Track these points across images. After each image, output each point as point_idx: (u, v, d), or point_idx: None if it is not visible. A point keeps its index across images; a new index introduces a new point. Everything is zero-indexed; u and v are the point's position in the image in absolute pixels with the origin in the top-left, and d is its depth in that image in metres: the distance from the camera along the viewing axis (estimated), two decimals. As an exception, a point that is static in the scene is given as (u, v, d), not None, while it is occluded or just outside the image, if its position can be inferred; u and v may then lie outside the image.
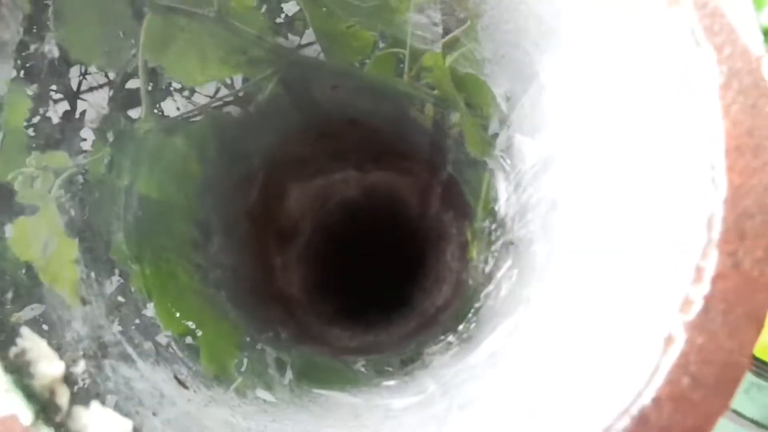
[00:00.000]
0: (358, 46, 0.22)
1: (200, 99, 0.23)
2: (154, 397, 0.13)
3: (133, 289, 0.17)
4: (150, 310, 0.17)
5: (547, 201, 0.19)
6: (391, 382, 0.23)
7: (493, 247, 0.27)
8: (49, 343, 0.11)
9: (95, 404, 0.11)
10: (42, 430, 0.10)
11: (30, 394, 0.10)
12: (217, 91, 0.23)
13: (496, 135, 0.23)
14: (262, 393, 0.19)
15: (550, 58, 0.16)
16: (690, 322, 0.10)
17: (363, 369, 0.28)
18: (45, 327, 0.12)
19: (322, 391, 0.22)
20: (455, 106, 0.24)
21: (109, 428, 0.11)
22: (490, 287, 0.26)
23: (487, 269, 0.28)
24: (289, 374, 0.23)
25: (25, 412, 0.10)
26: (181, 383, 0.15)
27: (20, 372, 0.10)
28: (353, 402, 0.21)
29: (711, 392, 0.10)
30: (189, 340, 0.18)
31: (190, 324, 0.18)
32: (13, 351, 0.10)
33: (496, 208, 0.26)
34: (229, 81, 0.22)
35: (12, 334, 0.11)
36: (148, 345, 0.15)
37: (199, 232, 0.23)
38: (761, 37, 0.11)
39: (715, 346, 0.10)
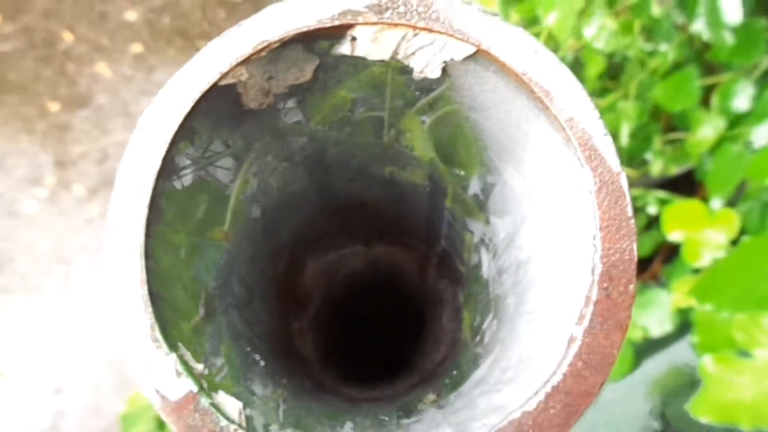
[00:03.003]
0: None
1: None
2: (245, 396, 0.21)
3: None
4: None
5: (514, 265, 0.27)
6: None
7: (480, 306, 0.34)
8: (189, 353, 0.19)
9: (221, 391, 0.19)
10: (203, 398, 0.17)
11: (193, 378, 0.18)
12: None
13: (478, 214, 0.31)
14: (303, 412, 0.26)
15: (506, 165, 0.24)
16: (583, 329, 0.18)
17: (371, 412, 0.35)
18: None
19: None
20: (446, 195, 0.32)
21: (231, 405, 0.18)
22: (478, 338, 0.33)
23: (476, 324, 0.35)
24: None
25: (194, 387, 0.17)
26: (253, 394, 0.23)
27: (185, 365, 0.18)
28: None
29: (594, 371, 0.18)
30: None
31: (256, 357, 0.26)
32: (179, 352, 0.18)
33: (481, 273, 0.34)
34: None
35: (177, 345, 0.18)
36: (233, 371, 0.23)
37: (246, 293, 0.31)
38: (618, 160, 0.19)
39: (596, 344, 0.18)
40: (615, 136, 1.00)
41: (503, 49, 0.19)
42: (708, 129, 0.94)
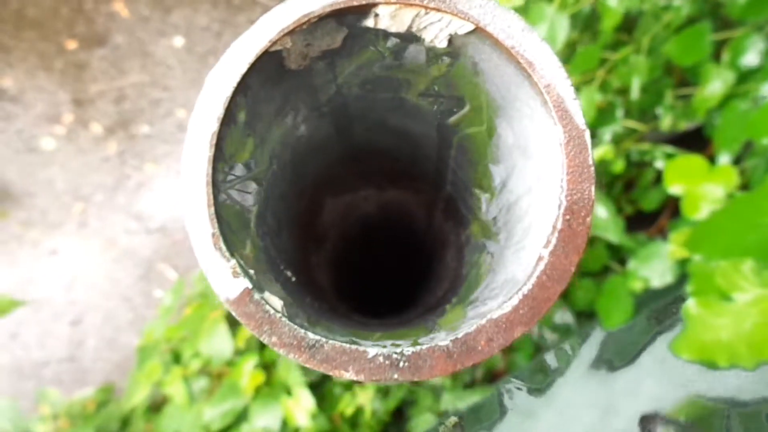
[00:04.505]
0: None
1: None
2: (284, 297, 0.27)
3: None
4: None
5: (506, 206, 0.33)
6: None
7: (478, 242, 0.40)
8: (242, 260, 0.25)
9: (266, 291, 0.25)
10: (256, 293, 0.23)
11: (248, 277, 0.24)
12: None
13: (479, 163, 0.37)
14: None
15: (501, 121, 0.29)
16: (549, 251, 0.24)
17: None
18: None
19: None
20: (451, 146, 0.37)
21: (275, 301, 0.24)
22: (475, 269, 0.39)
23: (474, 259, 0.41)
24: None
25: (249, 285, 0.23)
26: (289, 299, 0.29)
27: (242, 268, 0.24)
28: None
29: (555, 282, 0.24)
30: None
31: (288, 274, 0.32)
32: (236, 259, 0.24)
33: (480, 216, 0.40)
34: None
35: (234, 253, 0.24)
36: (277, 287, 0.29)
37: (276, 224, 0.37)
38: (584, 120, 0.24)
39: (558, 262, 0.24)
40: (626, 90, 1.04)
41: (497, 27, 0.25)
42: (717, 84, 0.97)
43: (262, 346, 0.96)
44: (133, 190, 1.54)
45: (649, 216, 1.14)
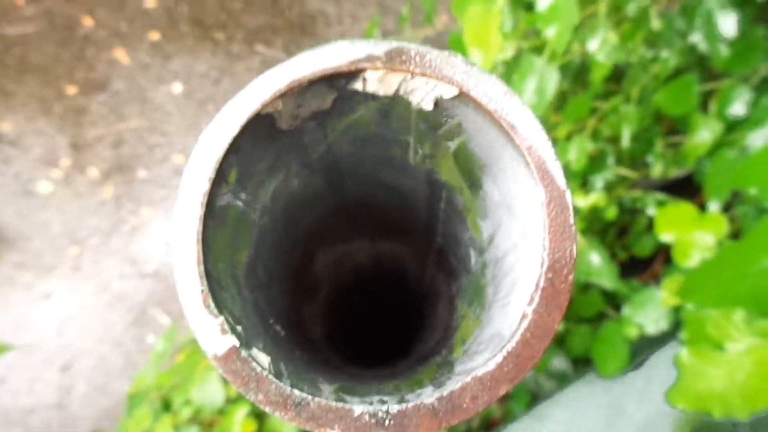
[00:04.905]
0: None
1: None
2: (272, 353, 0.27)
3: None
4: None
5: (493, 260, 0.34)
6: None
7: (468, 294, 0.41)
8: (230, 317, 0.25)
9: (254, 348, 0.25)
10: (243, 350, 0.24)
11: (235, 335, 0.24)
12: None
13: (467, 216, 0.37)
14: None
15: (486, 177, 0.30)
16: (532, 308, 0.24)
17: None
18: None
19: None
20: (441, 199, 0.38)
21: (263, 358, 0.25)
22: (465, 322, 0.40)
23: (464, 311, 0.42)
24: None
25: (236, 342, 0.24)
26: (277, 354, 0.29)
27: (230, 325, 0.24)
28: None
29: (538, 340, 0.24)
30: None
31: (277, 328, 0.33)
32: (224, 316, 0.25)
33: (469, 267, 0.41)
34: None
35: (222, 310, 0.25)
36: (265, 343, 0.29)
37: (266, 276, 0.38)
38: (565, 180, 0.25)
39: (542, 319, 0.24)
40: (617, 138, 1.06)
41: (479, 91, 0.26)
42: (705, 133, 0.98)
43: (254, 394, 0.95)
44: (128, 234, 1.54)
45: (643, 261, 1.14)
